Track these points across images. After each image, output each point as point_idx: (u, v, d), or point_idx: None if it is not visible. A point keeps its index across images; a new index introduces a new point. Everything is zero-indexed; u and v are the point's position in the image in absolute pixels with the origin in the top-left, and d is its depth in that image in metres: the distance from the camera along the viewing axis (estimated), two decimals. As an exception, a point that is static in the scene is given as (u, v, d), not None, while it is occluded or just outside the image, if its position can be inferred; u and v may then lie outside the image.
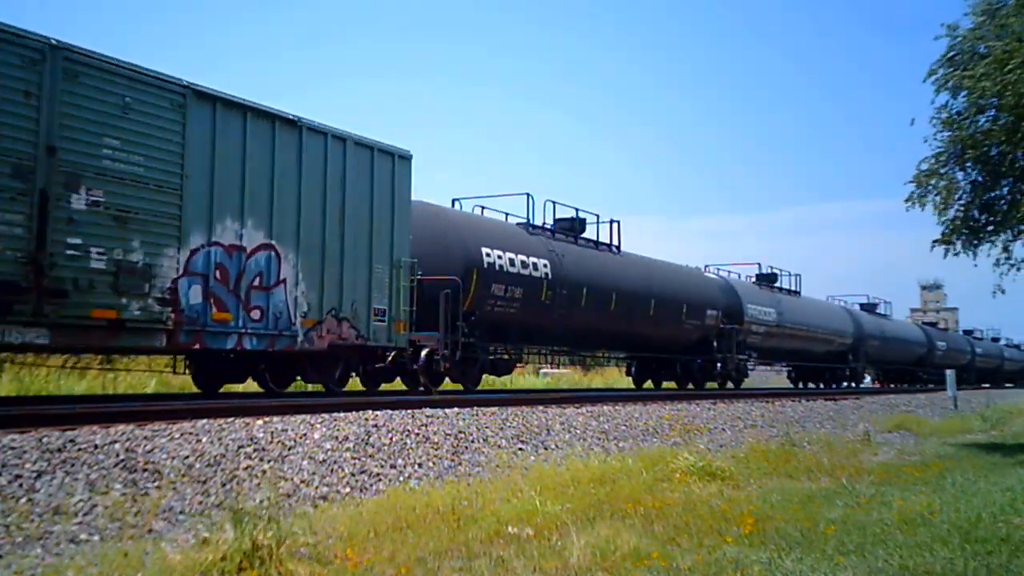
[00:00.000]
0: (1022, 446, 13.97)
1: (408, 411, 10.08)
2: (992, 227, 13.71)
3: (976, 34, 12.82)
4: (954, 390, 26.55)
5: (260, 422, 8.25)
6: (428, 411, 10.26)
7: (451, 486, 7.44)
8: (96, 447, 6.69)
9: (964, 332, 56.38)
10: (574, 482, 7.74)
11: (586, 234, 19.40)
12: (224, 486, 6.62)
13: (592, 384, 31.08)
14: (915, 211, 13.61)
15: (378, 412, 9.66)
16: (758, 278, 29.15)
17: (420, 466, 8.29)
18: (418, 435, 9.06)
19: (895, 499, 7.67)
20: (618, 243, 20.32)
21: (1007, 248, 13.77)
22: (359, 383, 14.73)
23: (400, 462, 8.21)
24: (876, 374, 42.81)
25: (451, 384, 15.94)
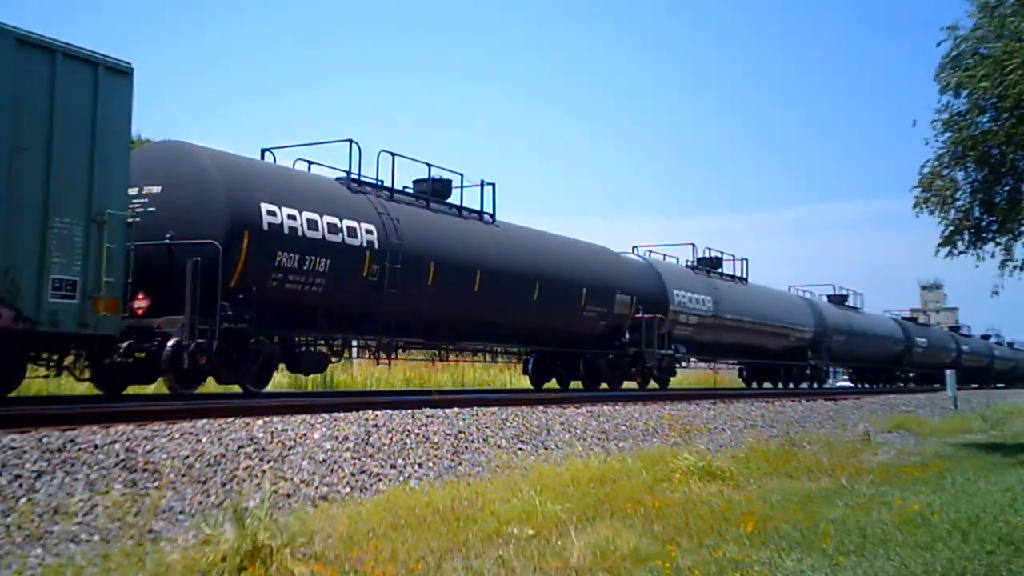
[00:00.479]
0: (1022, 446, 13.98)
1: (408, 411, 10.10)
2: (995, 227, 13.72)
3: (976, 34, 12.82)
4: (954, 390, 26.59)
5: (260, 422, 8.27)
6: (428, 411, 10.28)
7: (451, 486, 7.44)
8: (96, 447, 6.70)
9: (950, 329, 53.14)
10: (574, 482, 7.74)
11: (455, 200, 15.58)
12: (224, 486, 6.63)
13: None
14: (916, 212, 13.66)
15: (378, 412, 9.68)
16: (698, 262, 24.76)
17: (420, 466, 8.31)
18: (418, 435, 9.08)
19: (895, 499, 7.67)
20: (492, 211, 16.23)
21: (1008, 248, 13.79)
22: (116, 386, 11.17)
23: (400, 462, 8.22)
24: (849, 374, 39.52)
25: (220, 386, 12.57)
